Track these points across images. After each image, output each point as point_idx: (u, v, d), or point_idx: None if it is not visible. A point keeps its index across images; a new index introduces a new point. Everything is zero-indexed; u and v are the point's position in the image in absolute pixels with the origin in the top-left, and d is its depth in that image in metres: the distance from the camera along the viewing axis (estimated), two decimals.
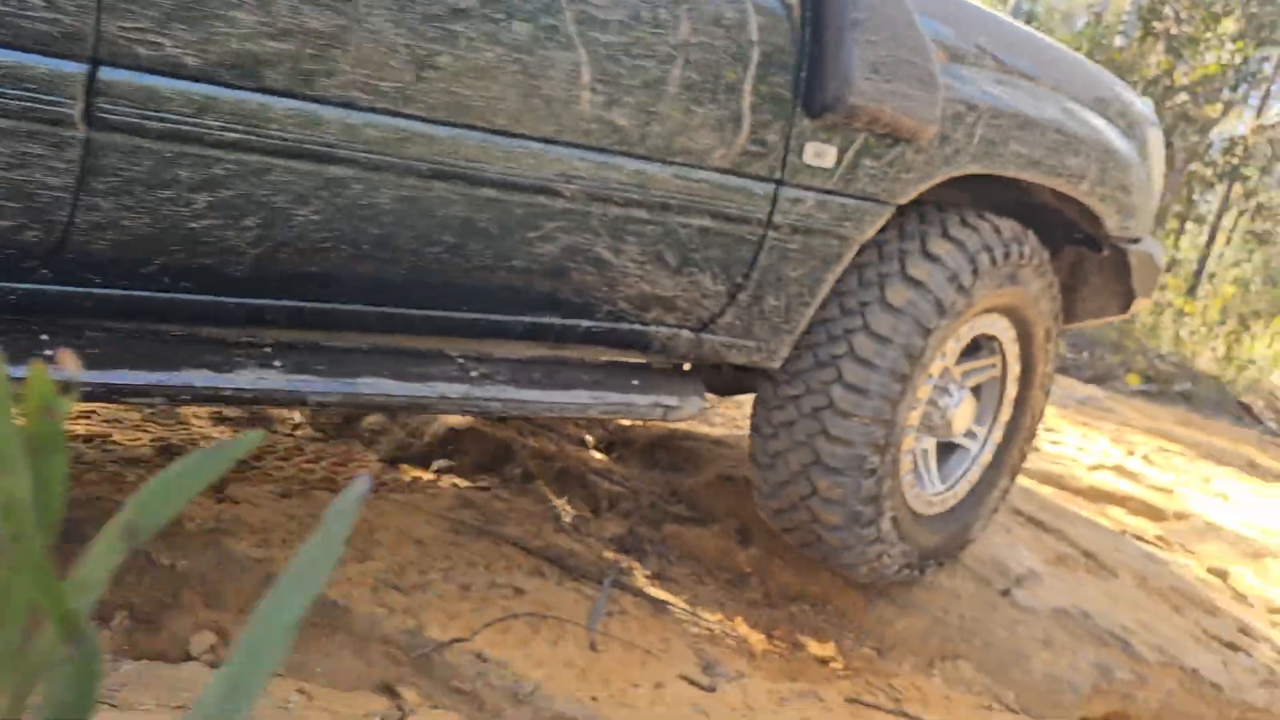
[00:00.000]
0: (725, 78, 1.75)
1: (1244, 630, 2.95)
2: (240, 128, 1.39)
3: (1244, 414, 8.49)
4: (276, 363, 1.62)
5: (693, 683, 2.10)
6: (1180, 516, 3.98)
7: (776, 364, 2.09)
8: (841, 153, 1.93)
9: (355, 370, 1.67)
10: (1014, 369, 2.43)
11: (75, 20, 1.25)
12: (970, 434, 2.44)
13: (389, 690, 1.84)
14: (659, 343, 1.97)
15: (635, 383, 1.99)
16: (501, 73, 1.55)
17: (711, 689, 2.10)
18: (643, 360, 2.05)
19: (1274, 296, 14.70)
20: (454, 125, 1.55)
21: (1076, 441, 5.14)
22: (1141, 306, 2.71)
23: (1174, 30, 9.53)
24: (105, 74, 1.29)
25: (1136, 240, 2.56)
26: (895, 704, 2.25)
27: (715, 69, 1.74)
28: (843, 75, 1.80)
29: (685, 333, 1.98)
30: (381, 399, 1.66)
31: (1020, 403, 2.47)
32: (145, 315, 1.51)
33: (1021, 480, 3.64)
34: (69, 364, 0.44)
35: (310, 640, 1.90)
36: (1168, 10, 9.58)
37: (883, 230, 2.13)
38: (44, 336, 1.46)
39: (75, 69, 1.27)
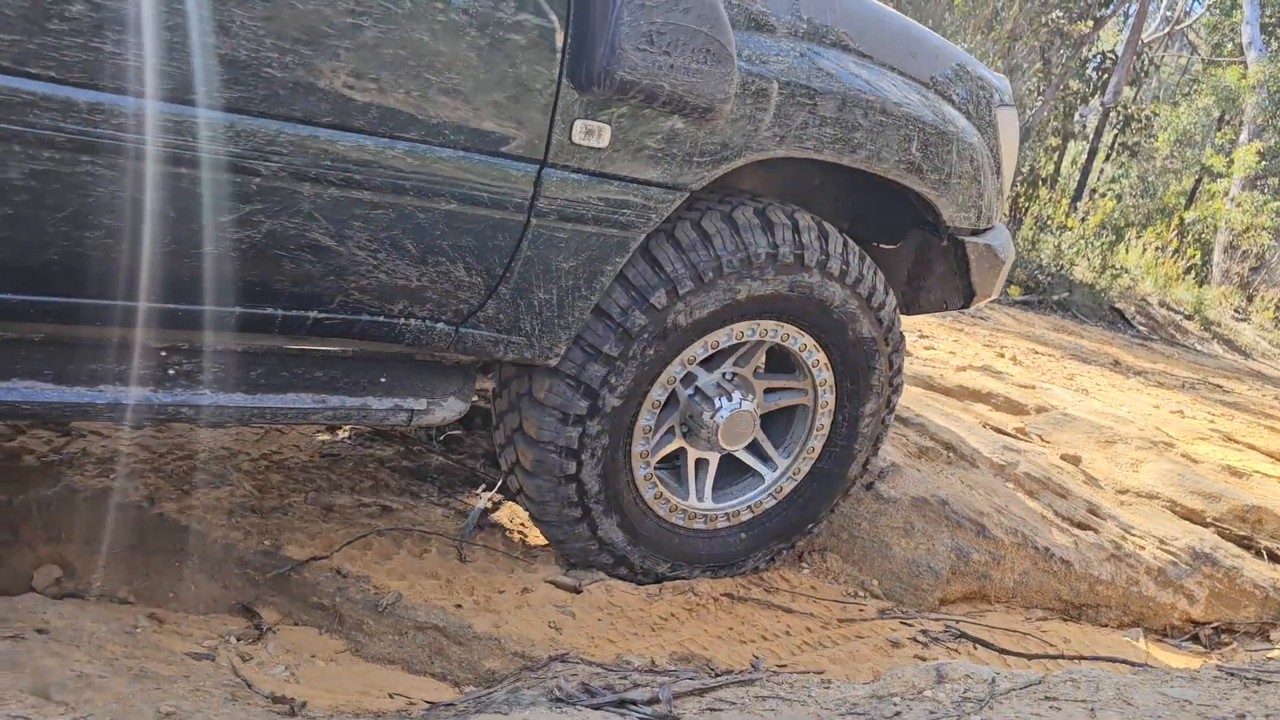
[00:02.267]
0: (468, 43, 1.51)
1: (1093, 511, 3.02)
2: None
3: (1117, 319, 8.75)
4: None
5: (559, 586, 2.06)
6: (1040, 410, 4.03)
7: (553, 360, 1.87)
8: (618, 132, 1.69)
9: (5, 370, 1.42)
10: (825, 395, 2.21)
11: None
12: (763, 456, 2.24)
13: (247, 610, 1.85)
14: (411, 335, 1.74)
15: (382, 380, 1.77)
16: (161, 28, 1.29)
17: (577, 590, 2.06)
18: (403, 351, 1.82)
19: (1148, 209, 14.95)
20: (99, 89, 1.29)
21: (949, 347, 5.17)
22: (982, 302, 2.54)
23: None
24: None
25: (979, 232, 2.37)
26: (765, 595, 2.25)
27: (453, 32, 1.49)
28: (611, 45, 1.56)
29: (442, 325, 1.75)
30: (30, 406, 1.42)
31: (844, 428, 2.26)
32: None
33: None
34: None
35: (161, 566, 1.87)
36: None
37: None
38: None
39: None
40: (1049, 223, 9.80)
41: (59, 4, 1.23)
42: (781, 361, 2.22)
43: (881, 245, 2.50)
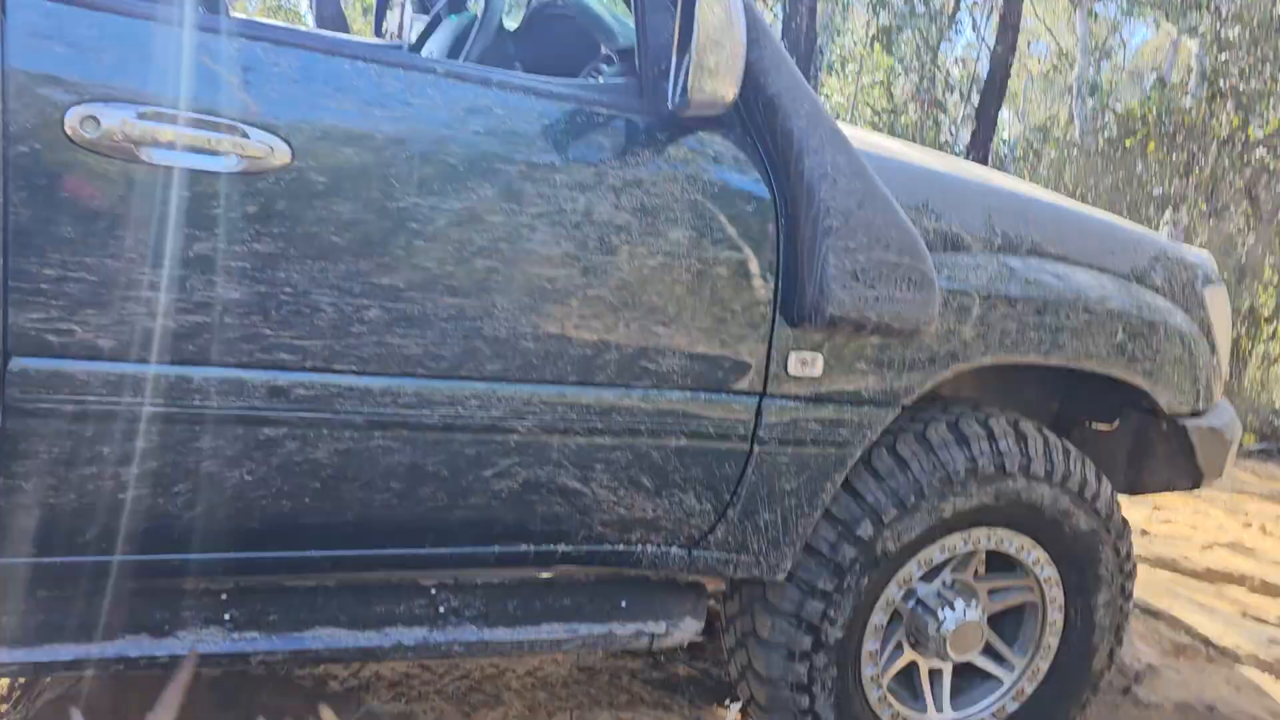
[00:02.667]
0: (692, 298, 1.67)
1: None
2: (161, 401, 1.38)
3: None
4: (226, 615, 1.58)
5: None
6: None
7: (779, 576, 1.94)
8: (830, 359, 1.81)
9: (309, 619, 1.62)
10: (1052, 591, 2.16)
11: None
12: (999, 658, 2.20)
13: None
14: (648, 560, 1.86)
15: (623, 604, 1.88)
16: (436, 319, 1.51)
17: None
18: (640, 574, 1.94)
19: None
20: (389, 375, 1.51)
21: (1188, 518, 4.84)
22: (1211, 483, 2.45)
23: (1241, 87, 9.11)
24: (15, 364, 1.30)
25: (1199, 413, 2.32)
26: None
27: (679, 292, 1.66)
28: (819, 286, 1.70)
29: (675, 550, 1.86)
30: (330, 653, 1.61)
31: (1079, 621, 2.19)
32: (90, 578, 1.50)
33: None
34: None
35: None
36: (1233, 68, 9.17)
37: None
38: None
39: None
40: (1278, 360, 9.17)
41: (359, 310, 1.46)
42: (1003, 559, 2.20)
43: (1098, 426, 2.48)
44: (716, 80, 1.50)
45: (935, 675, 2.15)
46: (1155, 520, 4.67)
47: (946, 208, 1.93)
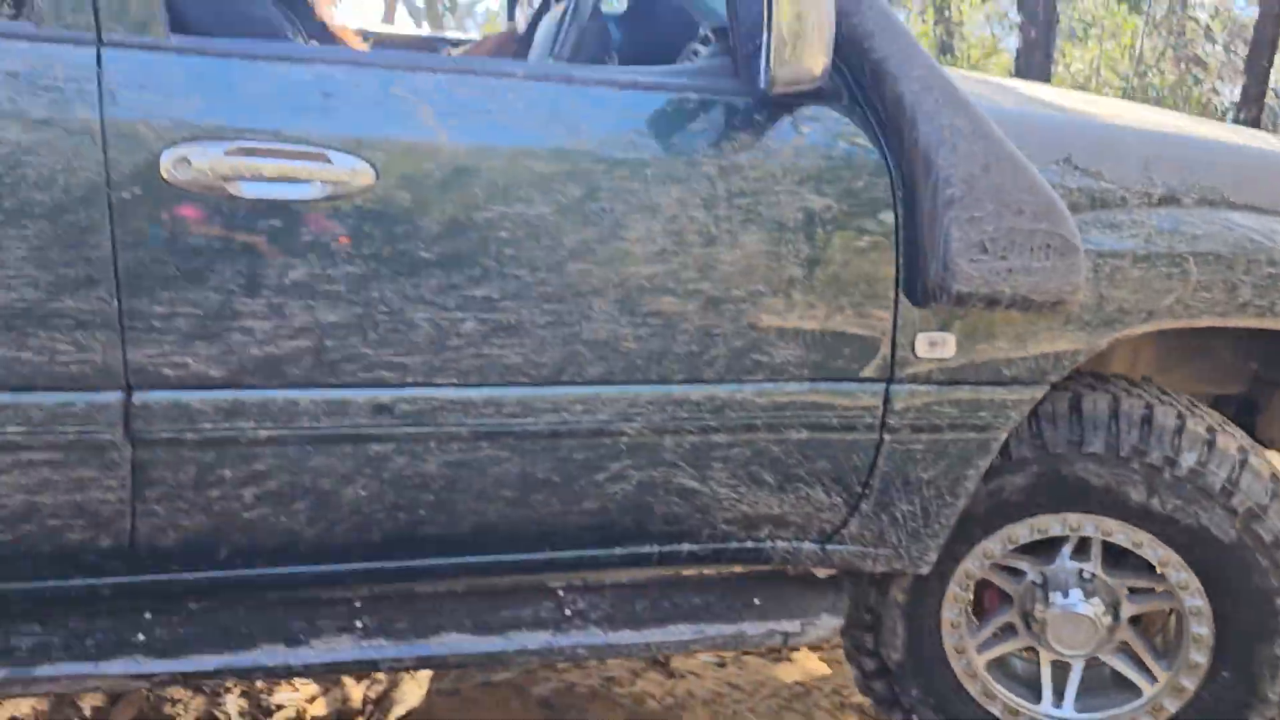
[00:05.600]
0: (800, 283, 1.58)
1: None
2: (271, 424, 1.44)
3: None
4: (359, 622, 1.64)
5: None
6: None
7: (924, 568, 1.83)
8: (963, 339, 1.67)
9: (437, 625, 1.65)
10: (1193, 600, 1.85)
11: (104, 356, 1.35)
12: (1142, 666, 1.94)
13: None
14: (779, 556, 1.79)
15: (756, 602, 1.82)
16: (533, 326, 1.50)
17: None
18: (773, 570, 1.87)
19: None
20: (490, 385, 1.51)
21: None
22: None
23: None
24: (137, 398, 1.38)
25: None
26: None
27: (783, 276, 1.58)
28: (943, 262, 1.57)
29: (807, 545, 1.79)
30: (456, 658, 1.63)
31: (1236, 642, 1.88)
32: (226, 592, 1.59)
33: None
34: None
35: None
36: None
37: None
38: (147, 615, 1.57)
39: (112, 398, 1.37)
40: None
41: (456, 323, 1.47)
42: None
43: None
44: (802, 54, 1.40)
45: (1062, 670, 1.96)
46: None
47: (1093, 160, 1.74)
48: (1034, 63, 8.92)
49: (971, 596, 1.94)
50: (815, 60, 1.41)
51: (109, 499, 1.42)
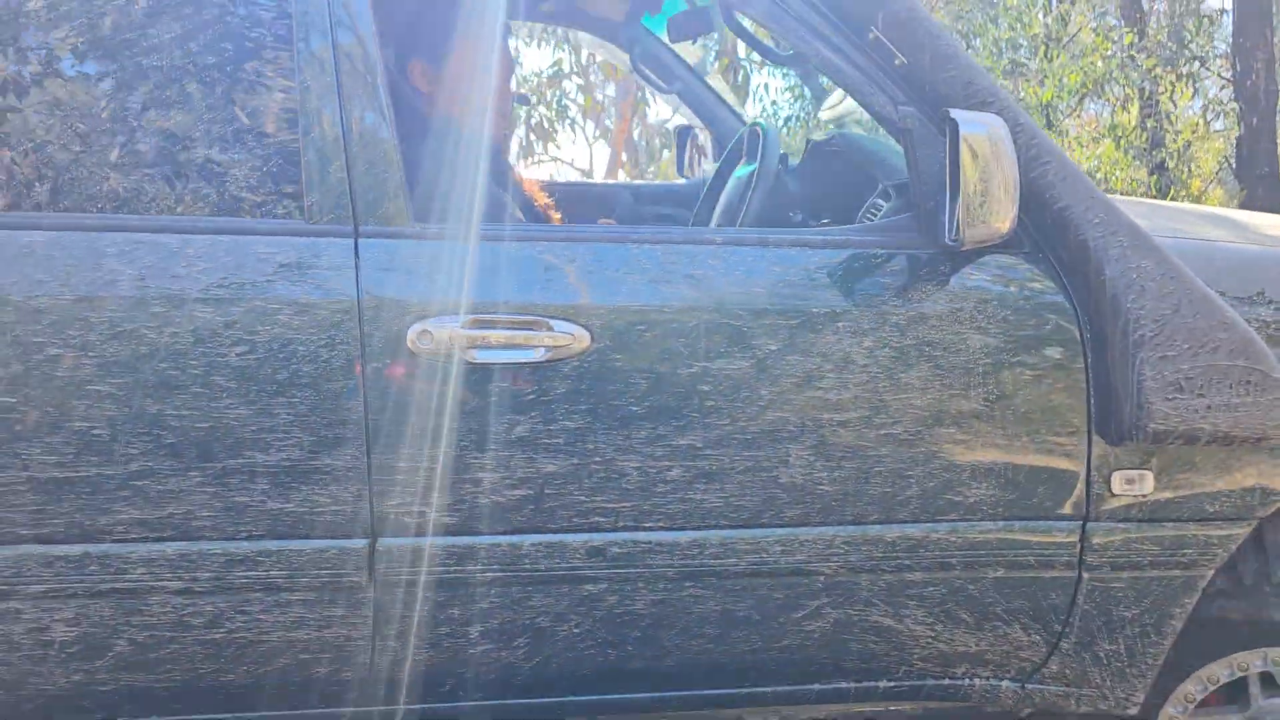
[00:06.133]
0: (991, 424, 1.62)
1: None
2: (496, 567, 1.56)
3: None
4: None
5: None
6: None
7: (1133, 709, 1.78)
8: (1162, 475, 1.67)
9: None
10: None
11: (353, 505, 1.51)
12: None
13: None
14: (977, 695, 1.78)
15: None
16: (734, 472, 1.58)
17: None
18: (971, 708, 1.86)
19: None
20: (694, 529, 1.60)
21: None
22: None
23: None
24: (381, 544, 1.53)
25: None
26: None
27: (974, 418, 1.62)
28: (1137, 402, 1.58)
29: (1006, 684, 1.78)
30: None
31: None
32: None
33: None
34: None
35: None
36: None
37: None
38: None
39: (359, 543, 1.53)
40: None
41: (663, 471, 1.57)
42: None
43: None
44: (989, 215, 1.48)
45: None
46: None
47: None
48: (1259, 150, 8.39)
49: None
50: (1000, 222, 1.49)
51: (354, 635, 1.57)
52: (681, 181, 3.12)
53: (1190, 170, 8.82)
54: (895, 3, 1.64)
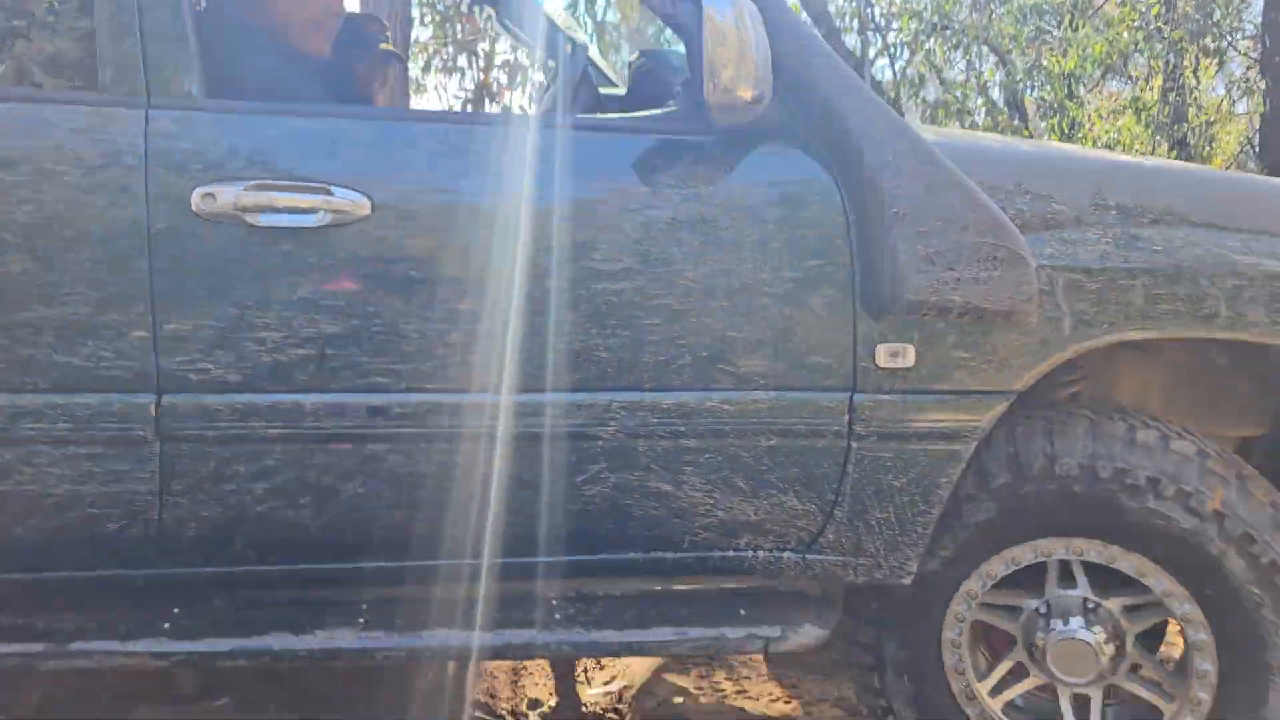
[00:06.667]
0: (763, 297, 1.73)
1: None
2: (280, 424, 1.63)
3: None
4: (360, 619, 1.79)
5: None
6: None
7: (906, 579, 1.89)
8: (922, 348, 1.78)
9: (427, 622, 1.79)
10: (1183, 608, 1.86)
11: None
12: (1155, 686, 1.93)
13: None
14: (761, 567, 1.88)
15: (741, 612, 1.90)
16: (514, 336, 1.67)
17: None
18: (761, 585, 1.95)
19: None
20: (475, 392, 1.68)
21: None
22: None
23: None
24: (166, 400, 1.60)
25: None
26: None
27: (747, 291, 1.72)
28: (893, 275, 1.70)
29: (788, 554, 1.87)
30: (444, 650, 1.76)
31: (1237, 646, 1.87)
32: (243, 586, 1.76)
33: None
34: None
35: None
36: None
37: None
38: (175, 610, 1.75)
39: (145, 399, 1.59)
40: None
41: (435, 324, 1.65)
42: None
43: None
44: (734, 86, 1.59)
45: (1084, 701, 1.96)
46: None
47: (1044, 186, 1.86)
48: None
49: (967, 639, 1.99)
50: (746, 90, 1.59)
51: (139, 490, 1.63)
52: None
53: (1212, 148, 8.74)
54: None
